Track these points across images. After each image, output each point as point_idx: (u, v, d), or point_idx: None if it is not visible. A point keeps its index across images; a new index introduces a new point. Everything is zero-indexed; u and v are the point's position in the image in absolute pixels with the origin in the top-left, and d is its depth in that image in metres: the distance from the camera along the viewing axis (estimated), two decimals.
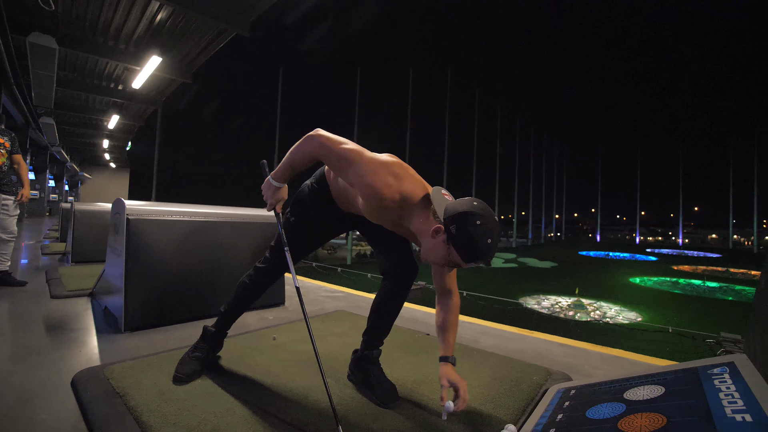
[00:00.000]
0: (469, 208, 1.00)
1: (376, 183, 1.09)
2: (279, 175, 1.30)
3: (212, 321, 1.56)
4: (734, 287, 18.73)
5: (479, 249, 0.98)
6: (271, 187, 1.32)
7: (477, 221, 0.98)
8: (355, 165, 1.12)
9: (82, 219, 4.26)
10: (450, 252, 1.02)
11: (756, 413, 0.81)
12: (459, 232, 0.99)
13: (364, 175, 1.10)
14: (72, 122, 15.45)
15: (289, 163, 1.26)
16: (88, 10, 7.02)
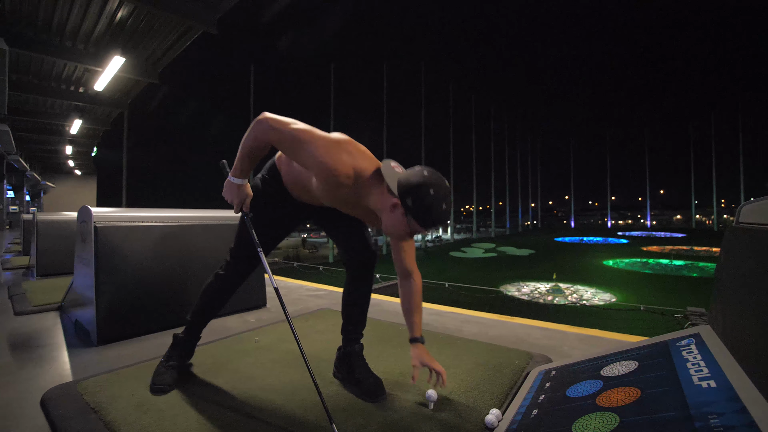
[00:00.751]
0: (421, 180, 1.04)
1: (330, 160, 1.08)
2: (237, 171, 1.24)
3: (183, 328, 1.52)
4: (698, 264, 19.83)
5: (436, 215, 1.05)
6: (232, 186, 1.26)
7: (430, 191, 1.04)
8: (308, 144, 1.10)
9: (46, 230, 4.04)
10: (410, 222, 1.07)
11: (720, 379, 0.86)
12: (415, 203, 1.03)
13: (318, 153, 1.09)
14: (30, 128, 14.58)
15: (243, 155, 1.20)
16: (39, 8, 6.61)
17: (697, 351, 1.04)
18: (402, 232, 1.11)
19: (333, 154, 1.09)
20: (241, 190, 1.27)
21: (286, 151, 1.18)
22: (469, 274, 16.62)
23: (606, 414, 0.90)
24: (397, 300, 2.96)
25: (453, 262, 23.21)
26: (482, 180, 42.77)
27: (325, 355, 1.65)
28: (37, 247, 3.98)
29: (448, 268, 19.45)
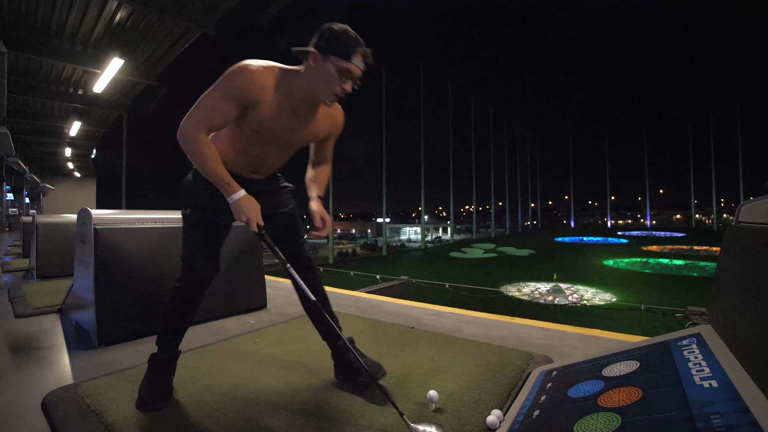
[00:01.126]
0: (323, 26, 1.14)
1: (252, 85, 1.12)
2: (224, 188, 1.15)
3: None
4: (698, 263, 19.84)
5: (348, 38, 1.12)
6: (236, 204, 1.16)
7: (332, 26, 1.12)
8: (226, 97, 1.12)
9: (46, 232, 4.04)
10: (334, 63, 1.12)
11: (721, 379, 0.86)
12: (327, 40, 1.12)
13: (240, 92, 1.12)
14: (29, 131, 14.56)
15: (207, 170, 1.14)
16: (38, 10, 6.61)
17: (698, 351, 1.04)
18: (334, 79, 1.13)
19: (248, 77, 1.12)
20: (249, 202, 1.17)
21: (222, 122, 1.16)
22: (469, 275, 16.62)
23: (608, 414, 0.90)
24: (400, 301, 2.96)
25: (453, 262, 23.22)
26: (482, 180, 42.78)
27: (325, 356, 1.65)
28: (37, 250, 3.97)
29: (448, 268, 19.45)
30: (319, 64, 1.12)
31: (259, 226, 1.19)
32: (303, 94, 1.19)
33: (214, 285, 1.50)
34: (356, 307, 2.72)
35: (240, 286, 2.53)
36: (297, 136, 1.29)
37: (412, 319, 2.41)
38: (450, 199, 37.56)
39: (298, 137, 1.30)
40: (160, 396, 1.25)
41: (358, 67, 1.14)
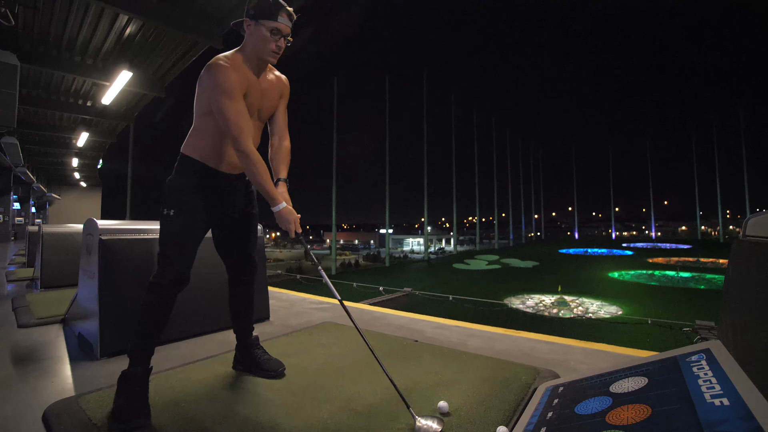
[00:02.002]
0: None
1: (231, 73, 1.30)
2: (269, 198, 1.33)
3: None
4: (705, 276, 19.60)
5: (273, 2, 1.30)
6: (280, 215, 1.34)
7: None
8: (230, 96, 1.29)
9: (52, 242, 4.06)
10: (264, 24, 1.31)
11: (733, 397, 0.84)
12: (254, 7, 1.31)
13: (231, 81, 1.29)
14: (38, 141, 14.79)
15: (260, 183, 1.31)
16: (51, 25, 6.79)
17: (708, 367, 1.02)
18: (266, 39, 1.32)
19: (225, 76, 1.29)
20: (290, 213, 1.34)
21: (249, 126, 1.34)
22: (472, 287, 16.49)
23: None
24: (403, 313, 2.94)
25: (456, 274, 23.07)
26: (485, 191, 42.80)
27: (329, 369, 1.63)
28: (42, 259, 3.99)
29: (451, 280, 19.32)
30: (252, 29, 1.34)
31: (297, 233, 1.35)
32: (255, 63, 1.38)
33: (217, 296, 1.50)
34: (359, 320, 2.69)
35: None
36: (266, 104, 1.47)
37: (416, 331, 2.38)
38: (453, 210, 37.55)
39: (267, 105, 1.47)
40: (139, 414, 1.19)
41: (285, 24, 1.33)
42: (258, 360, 1.58)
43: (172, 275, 1.33)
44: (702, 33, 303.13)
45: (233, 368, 1.64)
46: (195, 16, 6.68)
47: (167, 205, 1.35)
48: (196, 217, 1.37)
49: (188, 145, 1.42)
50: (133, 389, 1.24)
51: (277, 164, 1.50)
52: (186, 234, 1.35)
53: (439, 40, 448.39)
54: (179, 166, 1.42)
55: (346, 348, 1.94)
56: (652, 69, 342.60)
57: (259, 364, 1.57)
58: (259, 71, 1.41)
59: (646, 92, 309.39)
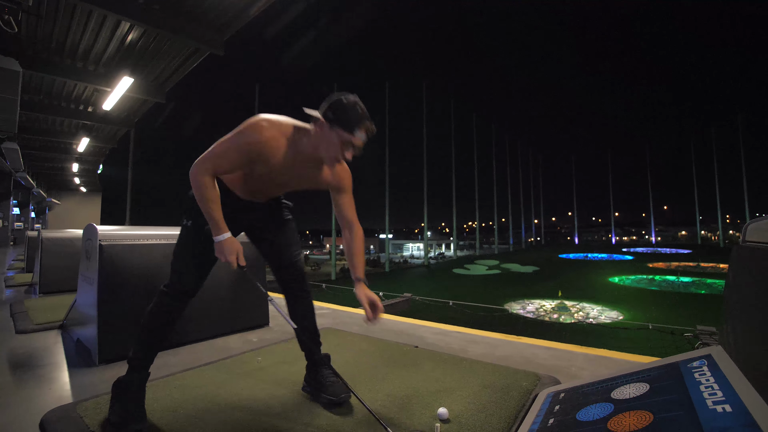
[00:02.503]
0: (334, 96, 1.21)
1: (262, 139, 1.20)
2: (213, 227, 1.24)
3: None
4: (706, 281, 19.55)
5: (354, 114, 1.19)
6: (218, 246, 1.25)
7: (342, 98, 1.20)
8: (235, 147, 1.21)
9: (51, 247, 4.06)
10: (338, 134, 1.19)
11: (735, 403, 0.84)
12: (334, 111, 1.19)
13: (248, 144, 1.20)
14: (38, 146, 14.82)
15: (206, 208, 1.23)
16: (54, 31, 6.84)
17: (709, 373, 1.02)
18: (337, 147, 1.21)
19: (259, 132, 1.21)
20: (231, 244, 1.25)
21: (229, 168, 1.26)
22: (473, 292, 16.43)
23: None
24: (403, 319, 2.93)
25: (456, 279, 23.00)
26: (485, 196, 42.84)
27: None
28: (41, 265, 3.99)
29: (451, 285, 19.26)
30: (325, 132, 1.21)
31: (240, 265, 1.28)
32: (309, 152, 1.28)
33: (217, 302, 1.50)
34: (360, 326, 2.69)
35: (242, 304, 2.51)
36: (299, 182, 1.38)
37: (416, 337, 2.37)
38: (453, 215, 37.56)
39: (300, 183, 1.39)
40: (135, 419, 1.20)
41: (360, 140, 1.22)
42: (323, 382, 1.41)
43: (182, 285, 1.34)
44: (701, 38, 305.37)
45: (303, 390, 1.49)
46: (196, 23, 6.73)
47: (186, 216, 1.37)
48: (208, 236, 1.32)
49: None
50: (130, 395, 1.25)
51: (353, 261, 1.41)
52: (198, 244, 1.34)
53: (439, 47, 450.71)
54: None
55: (346, 355, 1.93)
56: (651, 75, 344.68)
57: (322, 387, 1.41)
58: (309, 159, 1.30)
59: (646, 97, 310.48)
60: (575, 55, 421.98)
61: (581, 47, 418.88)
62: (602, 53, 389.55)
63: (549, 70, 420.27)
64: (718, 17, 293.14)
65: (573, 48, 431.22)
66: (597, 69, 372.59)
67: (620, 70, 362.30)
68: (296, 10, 68.88)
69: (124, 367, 1.86)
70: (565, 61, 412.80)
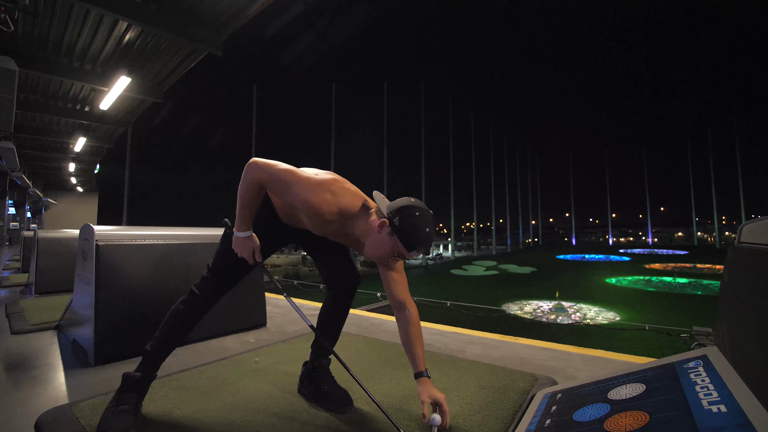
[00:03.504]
0: (409, 203, 1.15)
1: (315, 201, 1.16)
2: (239, 223, 1.24)
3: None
4: (702, 282, 19.65)
5: (421, 236, 1.12)
6: (239, 240, 1.25)
7: (416, 213, 1.14)
8: (294, 186, 1.17)
9: (47, 247, 4.04)
10: (395, 243, 1.14)
11: (730, 403, 0.84)
12: (402, 222, 1.12)
13: (304, 194, 1.16)
14: (35, 146, 14.75)
15: (242, 204, 1.22)
16: (51, 30, 6.81)
17: (705, 374, 1.02)
18: (386, 254, 1.17)
19: (317, 194, 1.16)
20: (247, 243, 1.26)
21: (275, 191, 1.24)
22: (470, 293, 16.45)
23: None
24: None
25: (454, 279, 23.01)
26: (482, 197, 42.92)
27: None
28: (37, 265, 3.96)
29: (449, 285, 19.27)
30: (382, 234, 1.16)
31: (256, 261, 1.29)
32: (355, 235, 1.25)
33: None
34: (357, 326, 2.69)
35: (240, 304, 2.51)
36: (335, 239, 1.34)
37: None
38: (451, 216, 37.61)
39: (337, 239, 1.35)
40: (124, 418, 1.18)
41: (412, 257, 1.17)
42: (321, 387, 1.39)
43: (213, 287, 1.34)
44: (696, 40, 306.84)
45: (298, 391, 1.48)
46: (194, 23, 6.72)
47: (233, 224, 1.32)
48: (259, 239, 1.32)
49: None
50: (131, 394, 1.24)
51: (412, 351, 1.28)
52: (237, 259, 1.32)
53: (436, 47, 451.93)
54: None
55: (343, 355, 1.93)
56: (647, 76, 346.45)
57: (321, 393, 1.38)
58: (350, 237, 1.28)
59: (642, 99, 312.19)
60: (572, 55, 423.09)
61: (578, 48, 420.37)
62: (599, 54, 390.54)
63: (547, 70, 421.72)
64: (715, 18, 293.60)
65: (570, 49, 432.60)
66: (594, 70, 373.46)
67: (617, 71, 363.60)
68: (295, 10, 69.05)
69: (120, 367, 1.85)
70: (562, 62, 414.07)
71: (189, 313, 1.33)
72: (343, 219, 1.21)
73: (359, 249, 1.29)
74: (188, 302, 1.34)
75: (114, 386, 1.56)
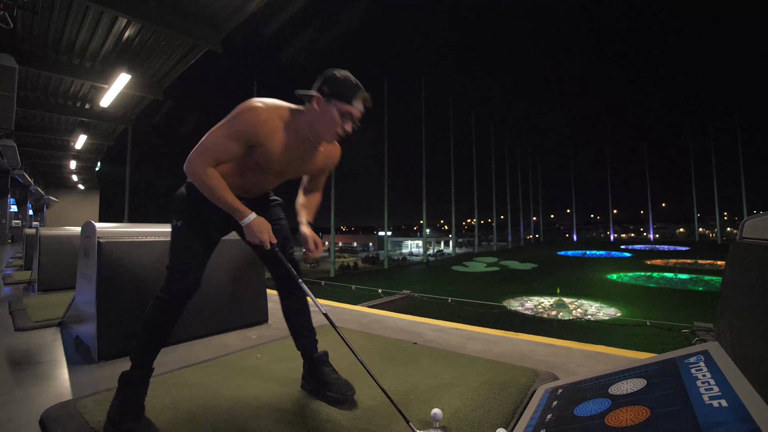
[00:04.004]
0: (326, 72, 1.24)
1: (251, 117, 1.19)
2: (235, 211, 1.24)
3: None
4: (703, 278, 19.65)
5: (350, 82, 1.22)
6: (249, 227, 1.25)
7: (334, 71, 1.23)
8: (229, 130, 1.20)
9: (49, 244, 4.05)
10: (336, 107, 1.21)
11: (731, 398, 0.84)
12: (329, 84, 1.22)
13: (242, 124, 1.19)
14: (35, 143, 14.77)
15: (218, 197, 1.22)
16: (50, 28, 6.79)
17: (706, 369, 1.02)
18: (336, 122, 1.22)
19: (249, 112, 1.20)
20: (260, 224, 1.27)
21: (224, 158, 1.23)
22: (471, 289, 16.47)
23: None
24: (402, 316, 2.94)
25: (455, 276, 23.06)
26: (484, 194, 42.87)
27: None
28: (40, 262, 3.98)
29: (450, 282, 19.31)
30: (322, 107, 1.22)
31: (272, 243, 1.29)
32: (306, 134, 1.28)
33: (215, 299, 1.50)
34: (358, 322, 2.69)
35: (241, 300, 2.52)
36: (296, 169, 1.39)
37: (415, 334, 2.38)
38: (452, 213, 37.59)
39: (297, 170, 1.41)
40: (131, 417, 1.19)
41: (358, 110, 1.24)
42: (325, 380, 1.39)
43: (181, 284, 1.32)
44: (698, 35, 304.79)
45: (301, 388, 1.48)
46: (193, 19, 6.69)
47: (176, 216, 1.35)
48: (203, 227, 1.35)
49: None
50: (129, 391, 1.25)
51: (304, 209, 1.47)
52: (192, 244, 1.34)
53: (437, 43, 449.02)
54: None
55: (345, 351, 1.93)
56: (649, 71, 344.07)
57: (325, 385, 1.38)
58: (306, 140, 1.30)
59: (644, 94, 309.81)
60: (573, 52, 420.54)
61: (579, 44, 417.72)
62: (600, 50, 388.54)
63: (547, 67, 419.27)
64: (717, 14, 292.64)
65: (571, 45, 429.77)
66: (595, 66, 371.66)
67: (618, 67, 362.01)
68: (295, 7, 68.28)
69: (123, 364, 1.86)
70: (562, 59, 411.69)
71: (165, 316, 1.32)
72: (288, 125, 1.25)
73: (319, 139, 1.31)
74: (161, 303, 1.32)
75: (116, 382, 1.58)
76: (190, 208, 1.33)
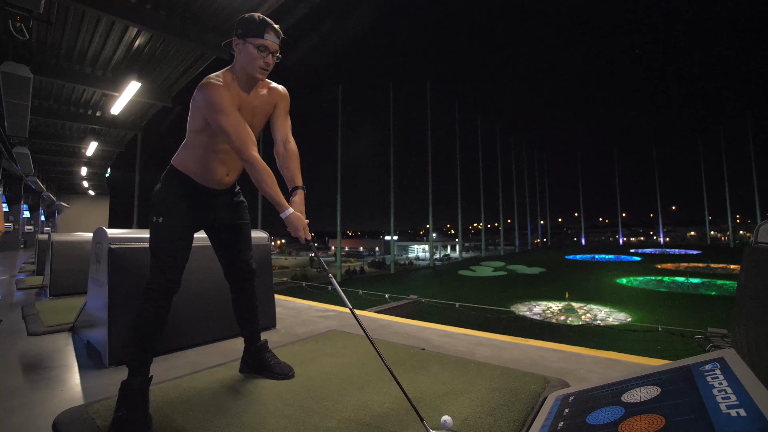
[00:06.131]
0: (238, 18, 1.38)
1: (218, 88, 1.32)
2: (276, 203, 1.34)
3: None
4: (716, 282, 19.28)
5: (256, 17, 1.35)
6: (291, 220, 1.35)
7: (243, 16, 1.37)
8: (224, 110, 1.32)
9: (61, 250, 4.11)
10: (251, 42, 1.35)
11: (749, 407, 0.82)
12: (240, 26, 1.36)
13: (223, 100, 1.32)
14: (48, 151, 15.06)
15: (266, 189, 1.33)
16: (63, 38, 6.95)
17: (722, 376, 1.00)
18: (256, 58, 1.35)
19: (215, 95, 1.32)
20: (299, 219, 1.36)
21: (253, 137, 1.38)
22: (479, 294, 16.36)
23: None
24: (411, 321, 2.92)
25: (462, 280, 22.92)
26: (490, 197, 42.68)
27: (336, 379, 1.62)
28: (52, 268, 4.04)
29: (457, 287, 19.19)
30: (240, 48, 1.37)
31: (307, 239, 1.37)
32: (245, 80, 1.41)
33: (223, 304, 1.51)
34: (366, 328, 2.68)
35: None
36: (258, 120, 1.49)
37: (423, 340, 2.37)
38: (458, 217, 37.45)
39: (258, 122, 1.49)
40: (140, 427, 1.20)
41: (272, 41, 1.37)
42: (267, 363, 1.62)
43: (164, 281, 1.39)
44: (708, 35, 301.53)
45: (240, 371, 1.67)
46: (202, 28, 6.80)
47: (155, 213, 1.42)
48: (182, 222, 1.43)
49: (177, 158, 1.49)
50: (133, 399, 1.26)
51: (289, 172, 1.50)
52: (175, 239, 1.41)
53: (443, 46, 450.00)
54: (166, 175, 1.48)
55: (354, 357, 1.93)
56: (658, 72, 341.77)
57: (268, 367, 1.61)
58: (249, 88, 1.44)
59: (652, 95, 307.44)
60: (581, 52, 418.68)
61: (588, 44, 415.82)
62: (609, 50, 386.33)
63: (554, 69, 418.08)
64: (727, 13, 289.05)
65: (579, 45, 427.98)
66: (603, 66, 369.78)
67: (627, 67, 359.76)
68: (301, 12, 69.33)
69: None
70: (570, 59, 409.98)
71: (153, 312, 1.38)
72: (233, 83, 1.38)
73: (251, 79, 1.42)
74: (148, 302, 1.39)
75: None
76: (166, 204, 1.42)
